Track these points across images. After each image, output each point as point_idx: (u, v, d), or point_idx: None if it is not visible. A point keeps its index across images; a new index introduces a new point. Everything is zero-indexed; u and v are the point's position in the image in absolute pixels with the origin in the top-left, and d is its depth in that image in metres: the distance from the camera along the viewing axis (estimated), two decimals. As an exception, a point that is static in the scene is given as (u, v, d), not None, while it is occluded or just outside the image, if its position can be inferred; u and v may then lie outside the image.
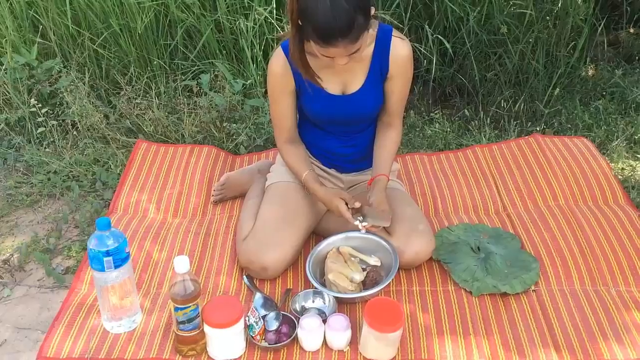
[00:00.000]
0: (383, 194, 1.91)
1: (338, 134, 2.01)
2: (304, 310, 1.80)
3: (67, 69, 2.96)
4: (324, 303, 1.82)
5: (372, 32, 1.79)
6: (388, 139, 1.99)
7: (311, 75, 1.80)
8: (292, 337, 1.68)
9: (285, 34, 1.85)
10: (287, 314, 1.74)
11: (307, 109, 1.95)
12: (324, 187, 1.94)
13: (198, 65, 3.02)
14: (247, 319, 1.69)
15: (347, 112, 1.91)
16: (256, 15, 2.83)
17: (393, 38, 1.82)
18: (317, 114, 1.94)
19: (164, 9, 2.96)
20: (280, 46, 1.85)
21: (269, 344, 1.67)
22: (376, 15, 1.70)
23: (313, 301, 1.83)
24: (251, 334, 1.67)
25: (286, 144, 2.00)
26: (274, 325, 1.70)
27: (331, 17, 1.53)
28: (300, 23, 1.63)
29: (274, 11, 2.86)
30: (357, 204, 1.88)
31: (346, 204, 1.88)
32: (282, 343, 1.67)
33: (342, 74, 1.85)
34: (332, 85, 1.87)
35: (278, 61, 1.85)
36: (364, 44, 1.65)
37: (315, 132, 2.03)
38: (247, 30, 2.86)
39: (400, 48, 1.83)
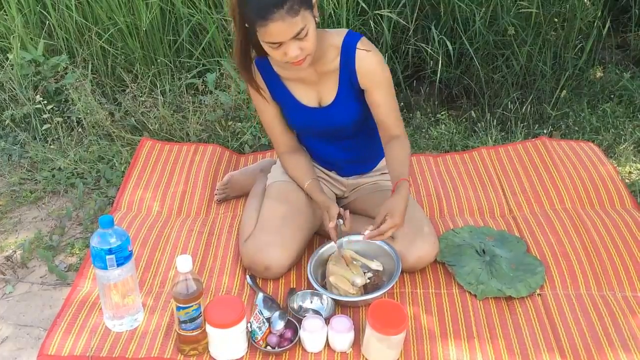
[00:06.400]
0: (400, 202, 1.74)
1: (328, 139, 1.99)
2: (301, 310, 1.80)
3: (73, 66, 2.96)
4: (322, 304, 1.81)
5: (336, 43, 1.77)
6: (395, 149, 1.84)
7: (250, 81, 1.83)
8: (293, 342, 1.67)
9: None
10: (291, 318, 1.73)
11: (287, 120, 1.96)
12: (325, 196, 1.92)
13: (203, 64, 3.01)
14: (249, 324, 1.67)
15: (325, 124, 1.91)
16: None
17: (357, 51, 1.77)
18: (297, 125, 1.96)
19: (169, 6, 2.95)
20: (254, 61, 1.85)
21: (272, 348, 1.66)
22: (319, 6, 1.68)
23: (311, 301, 1.82)
24: (253, 339, 1.66)
25: (284, 154, 2.01)
26: (279, 324, 1.68)
27: None
28: (241, 16, 1.61)
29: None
30: (347, 224, 1.86)
31: (341, 217, 1.86)
32: (284, 348, 1.65)
33: (314, 86, 1.85)
34: (307, 98, 1.88)
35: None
36: (311, 32, 1.61)
37: (308, 138, 2.04)
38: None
39: (365, 60, 1.78)
